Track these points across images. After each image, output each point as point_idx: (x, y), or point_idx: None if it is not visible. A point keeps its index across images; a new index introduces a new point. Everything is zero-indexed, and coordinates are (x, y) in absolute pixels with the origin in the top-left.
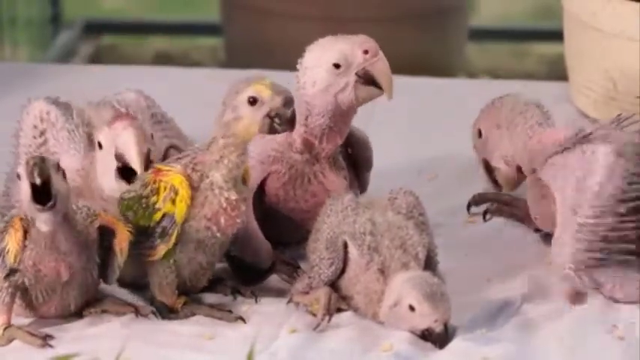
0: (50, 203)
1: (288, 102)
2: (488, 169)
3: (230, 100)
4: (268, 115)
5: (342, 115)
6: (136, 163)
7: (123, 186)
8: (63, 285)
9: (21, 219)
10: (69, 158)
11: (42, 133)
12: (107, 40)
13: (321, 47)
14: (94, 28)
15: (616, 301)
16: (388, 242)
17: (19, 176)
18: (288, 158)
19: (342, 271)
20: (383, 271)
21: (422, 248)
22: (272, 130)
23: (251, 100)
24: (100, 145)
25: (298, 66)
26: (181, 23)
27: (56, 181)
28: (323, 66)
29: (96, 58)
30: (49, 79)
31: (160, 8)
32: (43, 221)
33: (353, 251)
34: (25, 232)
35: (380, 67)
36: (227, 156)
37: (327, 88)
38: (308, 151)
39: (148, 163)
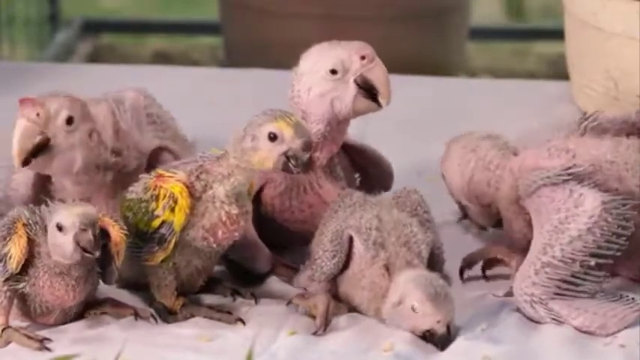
0: (96, 254)
1: (308, 146)
2: (463, 209)
3: (251, 129)
4: (285, 154)
5: (337, 123)
6: (15, 159)
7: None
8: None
9: (24, 224)
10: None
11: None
12: (106, 39)
13: (316, 54)
14: (93, 27)
15: (580, 330)
16: (394, 239)
17: (59, 227)
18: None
19: (346, 266)
20: (388, 268)
21: (425, 246)
22: (286, 169)
23: (272, 135)
24: (334, 72)
25: (292, 74)
26: (180, 22)
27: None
28: (319, 72)
29: (94, 58)
30: (47, 78)
31: (159, 7)
32: (71, 257)
33: (358, 246)
34: (29, 240)
35: (377, 72)
36: (235, 175)
37: (323, 94)
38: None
39: (33, 154)
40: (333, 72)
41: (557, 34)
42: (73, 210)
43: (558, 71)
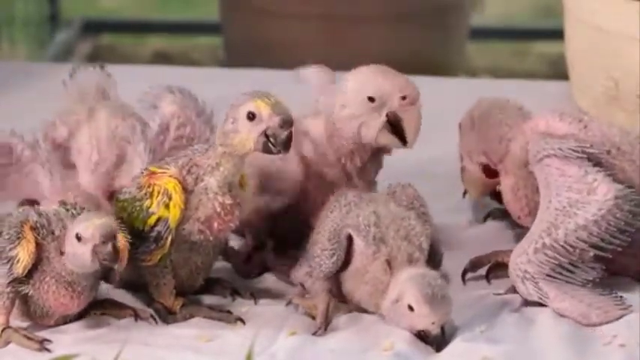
0: (116, 266)
1: (286, 123)
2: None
3: (232, 112)
4: (265, 134)
5: (363, 145)
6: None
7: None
8: None
9: (32, 228)
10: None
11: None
12: (106, 39)
13: (365, 76)
14: (93, 27)
15: (561, 314)
16: (394, 234)
17: (78, 237)
18: (323, 166)
19: (346, 264)
20: (390, 262)
21: (425, 238)
22: (266, 150)
23: (250, 115)
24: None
25: (339, 85)
26: (180, 22)
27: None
28: (359, 95)
29: (94, 57)
30: (47, 78)
31: (159, 7)
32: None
33: (358, 243)
34: (37, 244)
35: (411, 116)
36: (223, 164)
37: (354, 116)
38: (340, 167)
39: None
40: (371, 100)
41: (557, 34)
42: (92, 221)
43: (558, 71)
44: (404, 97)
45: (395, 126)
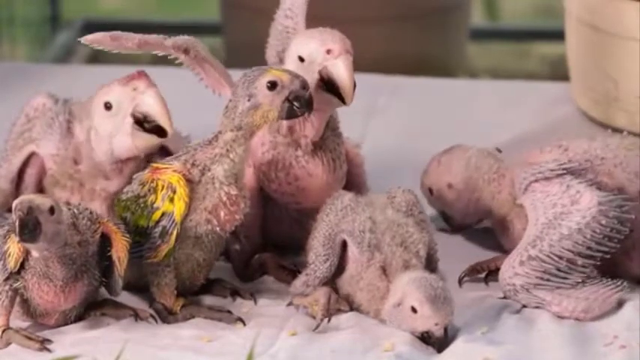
0: (30, 236)
1: (306, 85)
2: (444, 215)
3: (244, 90)
4: (287, 99)
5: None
6: (166, 120)
7: (144, 140)
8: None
9: None
10: (47, 144)
11: (30, 120)
12: None
13: (297, 38)
14: (93, 28)
15: (563, 316)
16: (389, 240)
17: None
18: (272, 139)
19: (342, 269)
20: (385, 269)
21: (422, 246)
22: (291, 114)
23: (270, 84)
24: (109, 106)
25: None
26: (181, 23)
27: (45, 220)
28: (292, 56)
29: (94, 59)
30: (48, 79)
31: (159, 8)
32: (33, 250)
33: (353, 249)
34: None
35: (340, 70)
36: (234, 149)
37: None
38: (290, 135)
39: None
40: (301, 59)
41: (558, 35)
42: (29, 196)
43: (559, 72)
44: (328, 51)
45: (331, 84)
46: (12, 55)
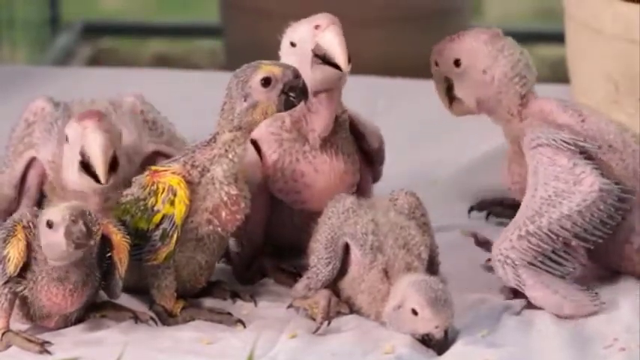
0: (91, 242)
1: (298, 73)
2: (449, 89)
3: (238, 91)
4: (283, 92)
5: (314, 95)
6: (100, 170)
7: (86, 181)
8: None
9: (24, 227)
10: (45, 150)
11: (30, 125)
12: (106, 42)
13: (289, 27)
14: (93, 31)
15: (535, 303)
16: (392, 242)
17: (49, 224)
18: (278, 136)
19: (344, 272)
20: (387, 271)
21: (424, 248)
22: (289, 105)
23: (264, 81)
24: (67, 139)
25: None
26: (180, 25)
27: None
28: (285, 46)
29: (95, 61)
30: (48, 82)
31: (159, 10)
32: (67, 254)
33: (355, 252)
34: (28, 244)
35: (328, 37)
36: (233, 149)
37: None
38: (297, 130)
39: (113, 166)
40: (292, 44)
41: (558, 37)
42: (60, 206)
43: (559, 74)
44: (317, 27)
45: (325, 55)
46: (12, 57)
